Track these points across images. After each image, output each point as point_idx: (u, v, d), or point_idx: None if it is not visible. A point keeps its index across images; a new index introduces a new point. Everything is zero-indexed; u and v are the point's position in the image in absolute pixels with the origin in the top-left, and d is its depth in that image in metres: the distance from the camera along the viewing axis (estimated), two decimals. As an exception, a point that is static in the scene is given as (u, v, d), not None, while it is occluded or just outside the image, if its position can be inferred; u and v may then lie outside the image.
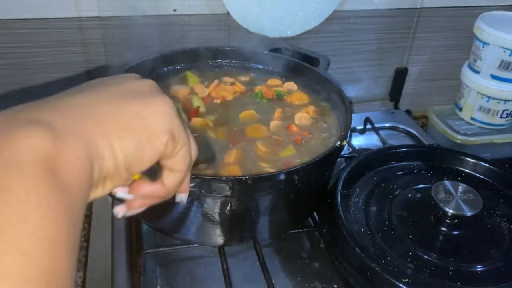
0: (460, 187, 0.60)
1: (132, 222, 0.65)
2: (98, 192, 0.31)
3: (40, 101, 0.30)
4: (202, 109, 0.65)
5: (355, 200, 0.62)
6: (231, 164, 0.56)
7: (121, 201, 0.36)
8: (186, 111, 0.64)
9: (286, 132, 0.63)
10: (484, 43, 0.83)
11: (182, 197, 0.40)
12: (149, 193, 0.35)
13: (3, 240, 0.22)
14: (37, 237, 0.23)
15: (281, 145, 0.60)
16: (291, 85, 0.72)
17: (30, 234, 0.22)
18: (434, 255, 0.55)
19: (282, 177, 0.51)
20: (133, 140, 0.30)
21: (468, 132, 0.89)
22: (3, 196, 0.22)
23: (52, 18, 0.73)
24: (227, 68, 0.75)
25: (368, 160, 0.67)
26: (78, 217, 0.26)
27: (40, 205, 0.23)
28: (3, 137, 0.25)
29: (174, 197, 0.39)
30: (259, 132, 0.62)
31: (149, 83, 0.34)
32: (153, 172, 0.35)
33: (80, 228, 0.27)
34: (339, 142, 0.55)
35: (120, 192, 0.34)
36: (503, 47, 0.81)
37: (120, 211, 0.36)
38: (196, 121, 0.62)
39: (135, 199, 0.35)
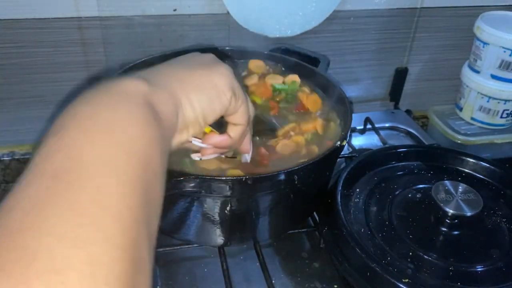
0: (460, 187, 0.59)
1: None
2: (183, 137, 0.39)
3: (145, 70, 0.39)
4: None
5: (355, 200, 0.62)
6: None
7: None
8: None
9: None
10: (484, 43, 0.83)
11: (246, 157, 0.52)
12: (219, 143, 0.45)
13: (113, 139, 0.28)
14: (139, 142, 0.29)
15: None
16: (295, 78, 0.71)
17: (134, 138, 0.29)
18: (434, 255, 0.55)
19: (282, 177, 0.51)
20: (206, 96, 0.39)
21: (468, 132, 0.89)
22: (115, 109, 0.31)
23: (52, 18, 0.73)
24: None
25: (368, 160, 0.67)
26: (166, 149, 0.34)
27: (142, 121, 0.31)
28: (116, 82, 0.34)
29: (175, 198, 0.43)
30: None
31: (211, 56, 0.44)
32: (221, 126, 0.45)
33: (166, 160, 0.33)
34: (339, 142, 0.55)
35: (197, 142, 0.44)
36: (503, 47, 0.81)
37: (196, 156, 0.47)
38: None
39: (207, 148, 0.46)
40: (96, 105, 0.31)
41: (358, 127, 0.87)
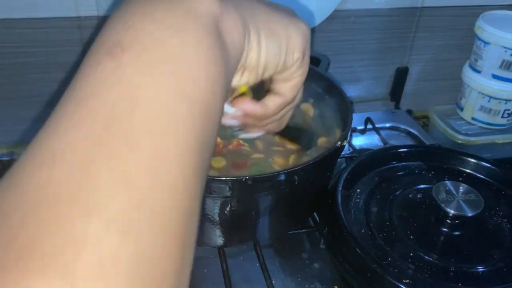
0: (461, 187, 0.59)
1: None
2: (235, 80, 0.34)
3: None
4: None
5: (356, 200, 0.62)
6: None
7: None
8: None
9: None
10: (485, 43, 0.83)
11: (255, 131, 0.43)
12: (250, 110, 0.38)
13: (176, 78, 0.23)
14: (203, 85, 0.25)
15: None
16: None
17: (198, 79, 0.24)
18: (435, 256, 0.55)
19: (282, 177, 0.51)
20: (276, 44, 0.33)
21: (469, 132, 0.89)
22: (183, 35, 0.25)
23: (51, 18, 0.73)
24: None
25: (368, 160, 0.67)
26: (225, 94, 0.28)
27: (210, 56, 0.26)
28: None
29: None
30: None
31: (293, 12, 0.38)
32: (260, 92, 0.38)
33: (225, 91, 0.28)
34: (339, 142, 0.55)
35: (226, 105, 0.37)
36: (505, 47, 0.81)
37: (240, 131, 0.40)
38: None
39: (236, 113, 0.38)
40: (161, 24, 0.25)
41: (359, 127, 0.86)
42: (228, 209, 0.52)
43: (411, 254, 0.55)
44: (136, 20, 0.25)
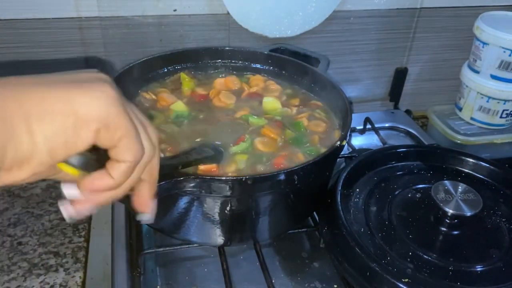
0: (460, 187, 0.60)
1: (132, 222, 0.65)
2: (13, 176, 0.29)
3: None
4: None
5: (355, 200, 0.62)
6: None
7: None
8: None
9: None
10: (484, 43, 0.83)
11: (142, 217, 0.38)
12: (94, 185, 0.33)
13: None
14: None
15: None
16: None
17: None
18: (434, 255, 0.55)
19: (282, 177, 0.51)
20: (55, 124, 0.29)
21: (468, 132, 0.89)
22: None
23: (52, 18, 0.73)
24: (226, 68, 0.75)
25: (368, 160, 0.67)
26: None
27: None
28: None
29: (175, 199, 0.38)
30: None
31: (98, 75, 0.33)
32: (92, 166, 0.33)
33: None
34: (339, 142, 0.55)
35: (67, 188, 0.33)
36: (503, 47, 0.81)
37: (67, 212, 0.34)
38: None
39: (84, 196, 0.34)
40: None
41: (358, 127, 0.87)
42: (228, 208, 0.53)
43: (410, 253, 0.55)
44: None
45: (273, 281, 0.56)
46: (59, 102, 0.29)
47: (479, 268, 0.54)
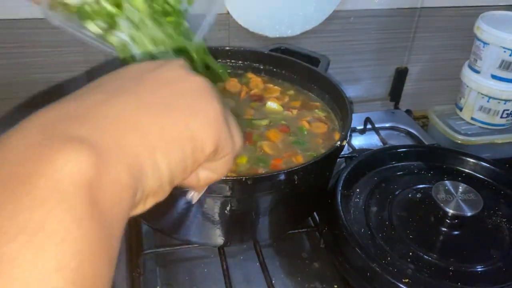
0: (460, 187, 0.59)
1: (132, 222, 0.65)
2: (139, 210, 0.27)
3: (73, 105, 0.25)
4: None
5: (355, 200, 0.62)
6: None
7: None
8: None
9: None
10: (485, 43, 0.83)
11: (194, 196, 0.39)
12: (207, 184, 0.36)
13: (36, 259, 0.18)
14: (76, 283, 0.19)
15: None
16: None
17: (70, 279, 0.19)
18: (435, 255, 0.55)
19: (282, 177, 0.51)
20: (179, 154, 0.27)
21: (469, 132, 0.89)
22: (40, 238, 0.18)
23: (52, 18, 0.73)
24: (226, 68, 0.75)
25: (368, 160, 0.67)
26: (115, 251, 0.23)
27: (81, 245, 0.20)
28: (42, 159, 0.20)
29: (175, 199, 0.39)
30: None
31: (197, 83, 0.29)
32: None
33: (116, 255, 0.24)
34: (339, 142, 0.55)
35: (196, 197, 0.38)
36: (504, 47, 0.81)
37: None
38: None
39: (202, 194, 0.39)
40: (14, 203, 0.19)
41: (358, 127, 0.87)
42: (228, 208, 0.53)
43: (411, 253, 0.55)
44: None
45: (273, 281, 0.55)
46: (177, 129, 0.27)
47: (479, 268, 0.54)
